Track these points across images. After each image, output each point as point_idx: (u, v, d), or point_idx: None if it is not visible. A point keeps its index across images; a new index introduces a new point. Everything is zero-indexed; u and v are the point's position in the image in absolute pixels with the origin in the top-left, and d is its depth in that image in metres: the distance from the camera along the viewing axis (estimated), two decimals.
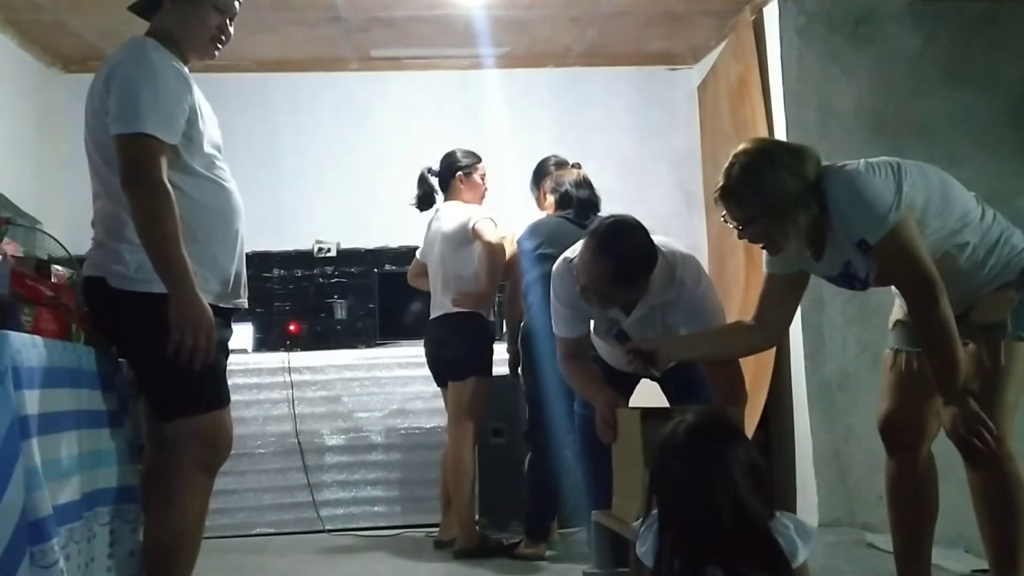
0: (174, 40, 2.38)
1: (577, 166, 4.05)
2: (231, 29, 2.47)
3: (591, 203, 3.87)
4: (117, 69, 2.26)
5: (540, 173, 4.12)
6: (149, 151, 2.19)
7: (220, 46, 2.47)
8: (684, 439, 1.73)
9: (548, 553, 3.83)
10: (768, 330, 2.55)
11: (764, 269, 2.51)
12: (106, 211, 2.33)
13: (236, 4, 2.48)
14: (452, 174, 4.07)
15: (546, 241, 3.77)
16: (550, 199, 3.98)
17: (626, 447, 2.56)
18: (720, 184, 2.28)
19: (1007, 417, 2.21)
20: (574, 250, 2.81)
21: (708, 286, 2.75)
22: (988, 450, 2.13)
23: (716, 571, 1.64)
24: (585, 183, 3.92)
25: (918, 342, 2.30)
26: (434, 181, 4.11)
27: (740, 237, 2.33)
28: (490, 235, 3.86)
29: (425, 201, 4.11)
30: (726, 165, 2.28)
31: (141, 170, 2.19)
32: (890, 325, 2.52)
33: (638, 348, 2.56)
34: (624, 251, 2.59)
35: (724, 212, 2.31)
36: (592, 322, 2.91)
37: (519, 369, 4.01)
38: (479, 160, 4.14)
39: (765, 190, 2.20)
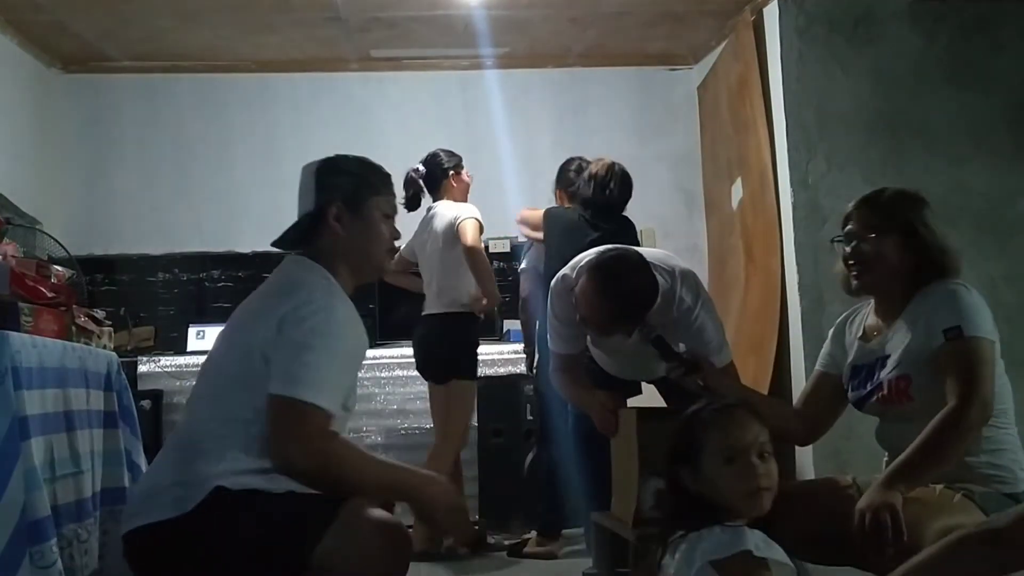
0: None
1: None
2: None
3: (607, 207, 3.79)
4: None
5: (560, 175, 4.18)
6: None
7: None
8: None
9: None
10: (803, 425, 2.43)
11: (817, 367, 2.40)
12: None
13: None
14: (445, 174, 4.09)
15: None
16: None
17: (623, 447, 2.56)
18: (875, 190, 2.29)
19: None
20: (572, 267, 2.80)
21: (706, 302, 2.75)
22: (888, 552, 1.86)
23: None
24: (604, 182, 3.79)
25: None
26: (422, 182, 4.10)
27: (852, 251, 2.24)
28: (470, 238, 3.84)
29: (415, 201, 4.09)
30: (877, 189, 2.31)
31: None
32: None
33: (690, 353, 2.53)
34: (626, 292, 2.54)
35: (856, 223, 2.24)
36: (588, 336, 2.90)
37: (533, 367, 4.03)
38: (461, 158, 4.17)
39: (917, 208, 2.24)
